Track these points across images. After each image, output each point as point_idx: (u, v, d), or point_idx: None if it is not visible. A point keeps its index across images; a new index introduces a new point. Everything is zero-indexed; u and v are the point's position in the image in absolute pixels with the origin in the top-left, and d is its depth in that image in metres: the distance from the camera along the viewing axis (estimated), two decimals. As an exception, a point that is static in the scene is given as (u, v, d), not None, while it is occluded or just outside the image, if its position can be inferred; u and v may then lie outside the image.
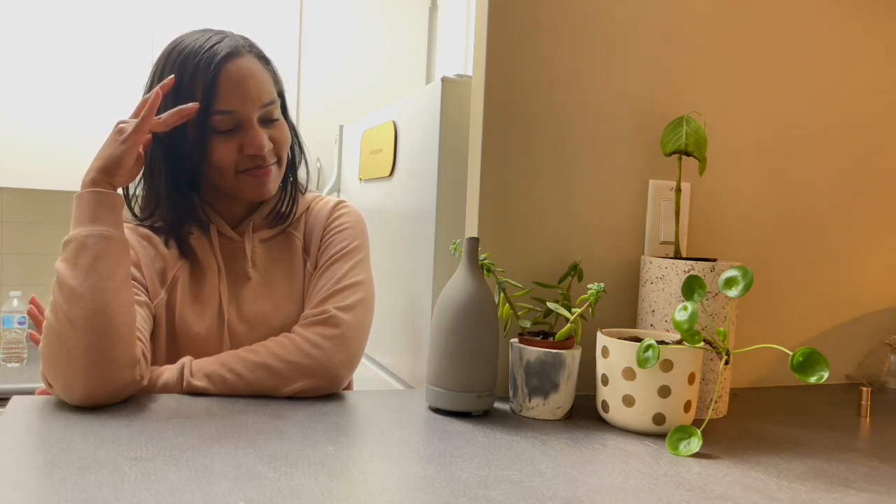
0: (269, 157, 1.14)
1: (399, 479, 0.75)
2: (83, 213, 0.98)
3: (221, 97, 1.08)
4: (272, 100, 1.14)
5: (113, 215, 0.99)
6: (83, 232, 0.97)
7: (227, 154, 1.11)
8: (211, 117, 1.08)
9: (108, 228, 0.98)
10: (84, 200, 0.99)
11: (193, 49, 1.10)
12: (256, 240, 1.20)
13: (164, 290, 1.14)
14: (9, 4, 2.52)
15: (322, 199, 1.28)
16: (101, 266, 0.95)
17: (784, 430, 1.04)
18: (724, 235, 1.28)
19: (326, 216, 1.23)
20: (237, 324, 1.14)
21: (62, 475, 0.71)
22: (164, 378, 1.03)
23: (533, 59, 1.14)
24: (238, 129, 1.11)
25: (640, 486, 0.77)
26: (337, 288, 1.13)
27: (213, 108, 1.08)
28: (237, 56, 1.11)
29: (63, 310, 0.93)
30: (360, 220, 1.24)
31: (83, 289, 0.94)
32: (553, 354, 1.00)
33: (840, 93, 1.35)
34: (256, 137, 1.11)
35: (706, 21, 1.24)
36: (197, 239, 1.18)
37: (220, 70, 1.08)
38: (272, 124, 1.15)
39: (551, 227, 1.17)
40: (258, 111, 1.12)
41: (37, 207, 2.90)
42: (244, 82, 1.10)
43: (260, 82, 1.12)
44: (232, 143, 1.11)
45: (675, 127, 1.11)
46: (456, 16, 2.83)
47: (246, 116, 1.10)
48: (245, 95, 1.10)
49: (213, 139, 1.10)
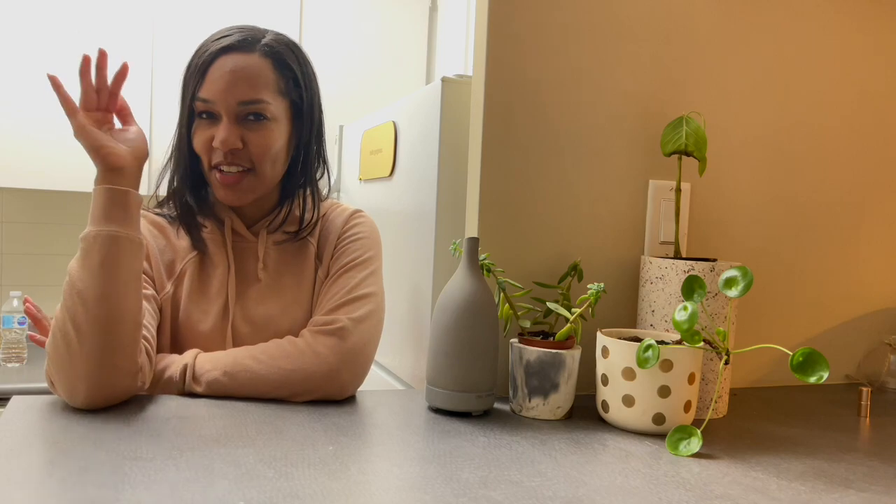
0: (241, 159, 1.11)
1: (399, 479, 0.75)
2: (95, 211, 0.96)
3: (205, 83, 1.10)
4: (256, 99, 1.10)
5: (124, 213, 0.95)
6: (92, 231, 0.95)
7: (203, 141, 1.12)
8: (193, 102, 1.11)
9: (117, 228, 0.95)
10: (96, 196, 0.96)
11: (207, 40, 1.14)
12: (270, 242, 1.19)
13: (170, 283, 1.14)
14: (9, 4, 2.52)
15: (339, 207, 1.27)
16: (108, 269, 0.93)
17: (784, 430, 1.04)
18: (724, 235, 1.28)
19: (342, 224, 1.21)
20: (242, 324, 1.13)
21: (62, 475, 0.71)
22: (168, 374, 1.03)
23: (533, 59, 1.14)
24: (217, 119, 1.12)
25: (640, 486, 0.77)
26: (349, 298, 1.11)
27: (197, 92, 1.11)
28: (238, 50, 1.11)
29: (69, 313, 0.92)
30: (375, 232, 1.23)
31: (89, 293, 0.92)
32: (553, 354, 1.00)
33: (840, 93, 1.35)
34: (222, 131, 1.10)
35: (706, 21, 1.24)
36: (210, 234, 1.17)
37: (214, 59, 1.11)
38: (252, 125, 1.11)
39: (551, 227, 1.17)
40: (236, 107, 1.10)
41: (37, 207, 2.90)
42: (228, 75, 1.09)
43: (248, 79, 1.09)
44: (208, 132, 1.12)
45: (675, 127, 1.11)
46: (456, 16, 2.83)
47: (220, 109, 1.10)
48: (225, 87, 1.09)
49: (196, 124, 1.13)
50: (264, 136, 1.11)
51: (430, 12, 3.05)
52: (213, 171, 1.13)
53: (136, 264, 0.96)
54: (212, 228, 1.18)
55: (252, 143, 1.11)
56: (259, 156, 1.11)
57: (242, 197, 1.13)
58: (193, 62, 1.13)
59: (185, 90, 1.14)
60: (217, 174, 1.12)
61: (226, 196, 1.13)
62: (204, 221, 1.18)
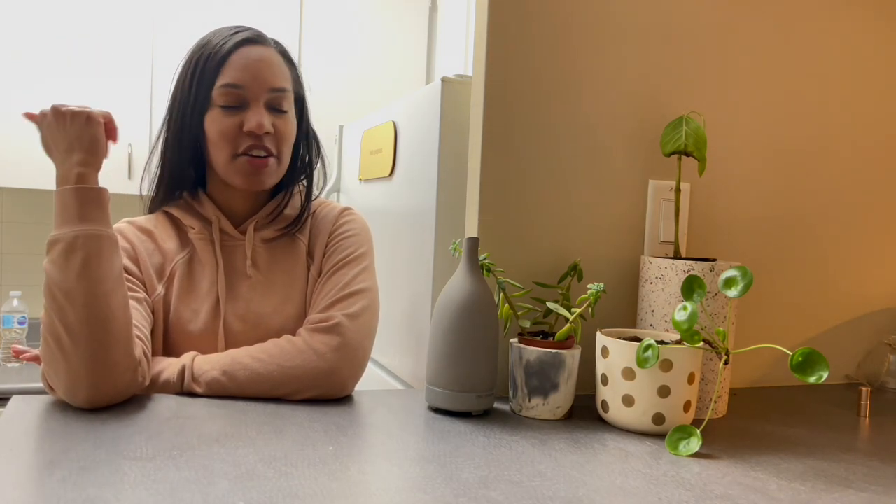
0: (270, 145, 1.14)
1: (399, 479, 0.75)
2: (70, 212, 0.94)
3: (230, 71, 1.11)
4: (283, 87, 1.14)
5: (101, 211, 0.96)
6: (71, 232, 0.93)
7: (228, 129, 1.12)
8: (213, 91, 1.11)
9: (98, 226, 0.95)
10: (68, 197, 0.95)
11: (214, 35, 1.15)
12: (259, 240, 1.19)
13: (161, 286, 1.14)
14: (9, 4, 2.52)
15: (328, 205, 1.27)
16: (93, 268, 0.93)
17: (784, 430, 1.04)
18: (724, 235, 1.28)
19: (332, 221, 1.22)
20: (234, 322, 1.13)
21: (62, 475, 0.71)
22: (166, 376, 1.03)
23: (533, 59, 1.14)
24: (242, 108, 1.12)
25: (640, 486, 0.77)
26: (343, 294, 1.12)
27: (219, 81, 1.11)
28: (257, 43, 1.15)
29: (58, 316, 0.92)
30: (366, 228, 1.24)
31: (76, 294, 0.92)
32: (553, 354, 1.00)
33: (840, 92, 1.35)
34: (257, 115, 1.11)
35: (706, 21, 1.24)
36: (198, 234, 1.18)
37: (236, 49, 1.12)
38: (279, 114, 1.15)
39: (551, 227, 1.17)
40: (266, 94, 1.13)
41: (37, 207, 2.89)
42: (257, 63, 1.12)
43: (274, 68, 1.14)
44: (234, 119, 1.12)
45: (674, 127, 1.11)
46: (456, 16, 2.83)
47: (252, 95, 1.12)
48: (255, 74, 1.12)
49: (216, 114, 1.12)
50: (287, 124, 1.16)
51: (430, 12, 3.05)
52: (237, 158, 1.13)
53: (118, 262, 0.97)
54: (199, 229, 1.18)
55: (278, 130, 1.15)
56: (282, 142, 1.16)
57: (267, 180, 1.15)
58: (207, 53, 1.12)
59: (198, 81, 1.12)
60: (245, 160, 1.13)
61: (251, 182, 1.14)
62: (191, 222, 1.18)
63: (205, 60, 1.13)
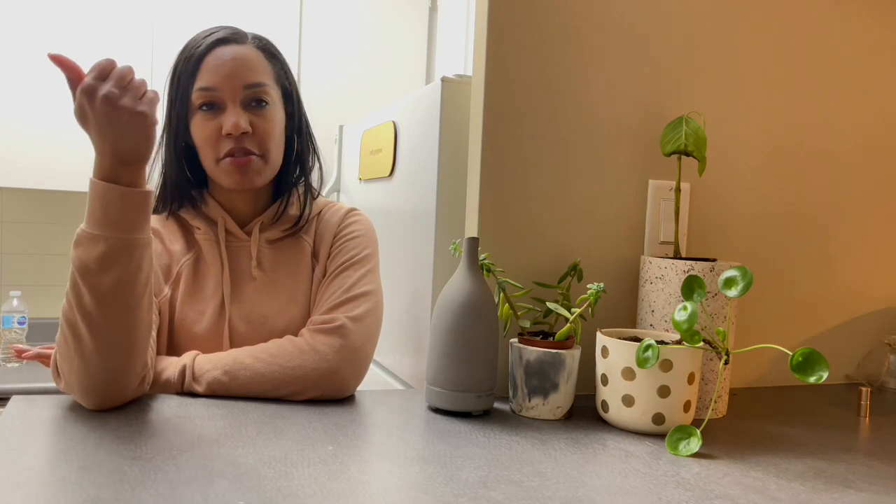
0: (251, 145, 1.13)
1: (399, 479, 0.75)
2: (113, 214, 0.88)
3: (204, 74, 1.11)
4: (259, 82, 1.13)
5: (145, 218, 0.91)
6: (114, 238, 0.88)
7: (209, 134, 1.12)
8: (192, 94, 1.12)
9: (141, 235, 0.91)
10: (113, 198, 0.88)
11: (192, 39, 1.15)
12: (264, 240, 1.19)
13: (168, 287, 1.14)
14: (10, 4, 2.52)
15: (334, 206, 1.27)
16: (131, 278, 0.90)
17: (784, 430, 1.04)
18: (724, 235, 1.28)
19: (338, 222, 1.22)
20: (238, 323, 1.14)
21: (62, 475, 0.71)
22: (166, 375, 1.03)
23: (533, 59, 1.14)
24: (221, 109, 1.12)
25: (640, 486, 0.77)
26: (347, 296, 1.12)
27: (195, 85, 1.12)
28: (231, 42, 1.14)
29: (82, 316, 0.89)
30: (372, 230, 1.24)
31: (108, 300, 0.88)
32: (553, 354, 1.00)
33: (839, 92, 1.35)
34: (231, 116, 1.11)
35: (706, 21, 1.24)
36: (203, 235, 1.18)
37: (209, 51, 1.12)
38: (257, 109, 1.14)
39: (551, 227, 1.17)
40: (241, 92, 1.12)
41: (37, 207, 2.89)
42: (230, 63, 1.12)
43: (248, 65, 1.13)
44: (214, 122, 1.12)
45: (674, 127, 1.11)
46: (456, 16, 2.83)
47: (228, 95, 1.12)
48: (228, 73, 1.11)
49: (198, 118, 1.13)
50: (269, 120, 1.15)
51: (430, 12, 3.05)
52: (221, 161, 1.13)
53: (150, 269, 0.94)
54: (205, 230, 1.18)
55: (258, 128, 1.14)
56: (265, 140, 1.14)
57: (255, 178, 1.14)
58: (184, 58, 1.14)
59: (178, 87, 1.14)
60: (228, 161, 1.13)
61: (238, 181, 1.13)
62: (197, 223, 1.18)
63: (182, 65, 1.13)
